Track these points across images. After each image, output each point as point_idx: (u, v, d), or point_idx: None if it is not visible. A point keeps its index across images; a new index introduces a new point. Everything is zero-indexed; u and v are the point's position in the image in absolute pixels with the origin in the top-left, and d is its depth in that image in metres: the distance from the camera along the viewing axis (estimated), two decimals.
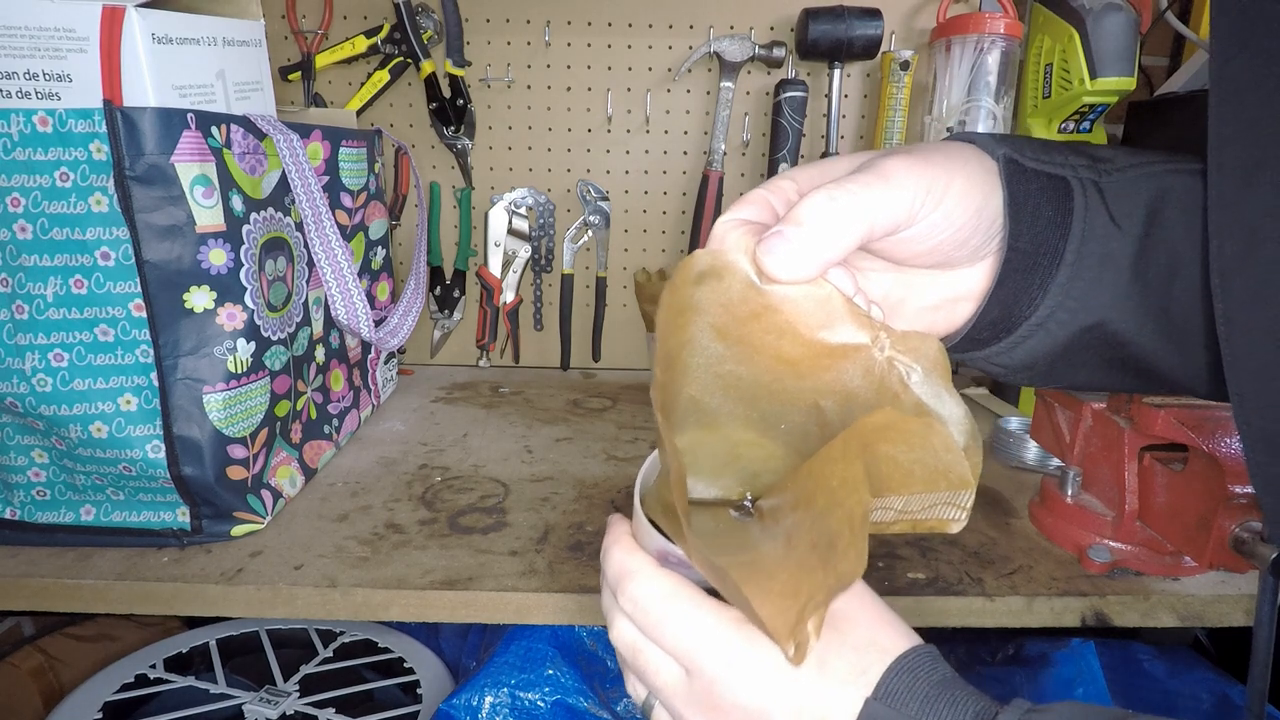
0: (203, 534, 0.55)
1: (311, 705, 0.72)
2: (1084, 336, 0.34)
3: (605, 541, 0.33)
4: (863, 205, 0.29)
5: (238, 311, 0.54)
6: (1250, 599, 0.52)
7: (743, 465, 0.35)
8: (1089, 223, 0.33)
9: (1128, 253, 0.33)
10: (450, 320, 1.03)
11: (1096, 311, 0.34)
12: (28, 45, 0.48)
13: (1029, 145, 0.34)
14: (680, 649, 0.30)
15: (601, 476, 0.70)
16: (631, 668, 0.33)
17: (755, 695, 0.29)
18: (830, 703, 0.28)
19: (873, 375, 0.30)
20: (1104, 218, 0.33)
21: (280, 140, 0.58)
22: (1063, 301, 0.33)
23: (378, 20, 0.93)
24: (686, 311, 0.30)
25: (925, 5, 0.94)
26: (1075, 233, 0.33)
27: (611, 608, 0.33)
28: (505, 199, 0.99)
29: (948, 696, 0.27)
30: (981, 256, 0.33)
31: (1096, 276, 0.33)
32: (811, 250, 0.28)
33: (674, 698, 0.31)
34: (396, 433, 0.79)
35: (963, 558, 0.56)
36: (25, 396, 0.50)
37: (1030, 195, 0.32)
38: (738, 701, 0.29)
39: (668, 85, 0.97)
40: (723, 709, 0.29)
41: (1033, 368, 0.36)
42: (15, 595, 0.52)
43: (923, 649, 0.29)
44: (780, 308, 0.30)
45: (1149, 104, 0.94)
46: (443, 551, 0.56)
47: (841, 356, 0.31)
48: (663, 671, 0.31)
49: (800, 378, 0.31)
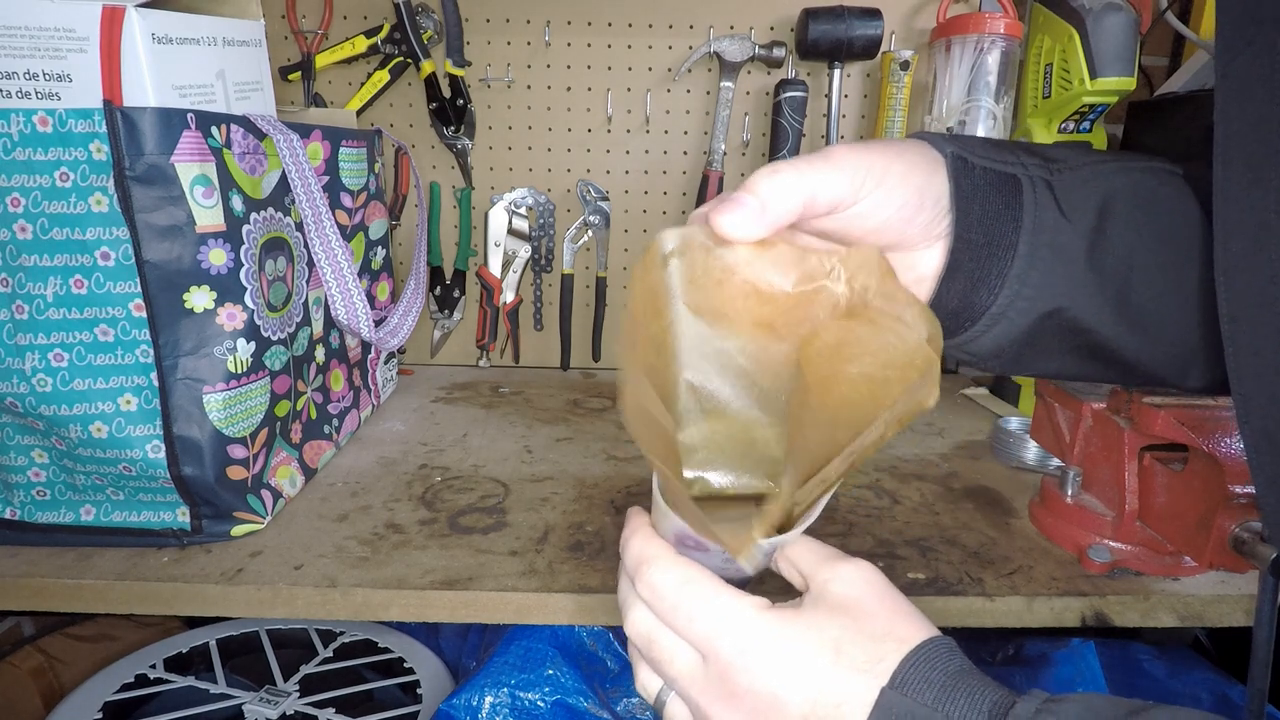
0: (203, 534, 0.55)
1: (311, 705, 0.72)
2: (1045, 323, 0.36)
3: (624, 533, 0.34)
4: (805, 177, 0.31)
5: (238, 311, 0.54)
6: (1250, 599, 0.52)
7: (760, 450, 0.35)
8: (1039, 217, 0.35)
9: (1080, 245, 0.35)
10: (450, 320, 1.03)
11: (1054, 299, 0.36)
12: (28, 45, 0.48)
13: (979, 144, 0.36)
14: (697, 634, 0.30)
15: (601, 476, 0.70)
16: (646, 657, 0.33)
17: (771, 681, 0.29)
18: (846, 691, 0.28)
19: (840, 310, 0.32)
20: (1054, 212, 0.35)
21: (280, 140, 0.58)
22: (1020, 290, 0.35)
23: (378, 20, 0.93)
24: (661, 294, 0.31)
25: (925, 5, 0.94)
26: (1026, 225, 0.35)
27: (629, 596, 0.33)
28: (505, 199, 0.99)
29: (964, 687, 0.27)
30: (936, 237, 0.35)
31: (1050, 267, 0.35)
32: (757, 212, 0.31)
33: (690, 685, 0.31)
34: (396, 433, 0.79)
35: (963, 558, 0.56)
36: (25, 396, 0.50)
37: (978, 189, 0.35)
38: (753, 687, 0.29)
39: (668, 85, 0.97)
40: (738, 695, 0.29)
41: (1000, 355, 0.38)
42: (15, 595, 0.52)
43: (940, 640, 0.29)
44: (739, 269, 0.31)
45: (1149, 104, 0.94)
46: (443, 551, 0.56)
47: (808, 303, 0.32)
48: (678, 659, 0.31)
49: (780, 340, 0.32)
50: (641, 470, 0.71)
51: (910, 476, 0.71)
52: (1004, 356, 0.38)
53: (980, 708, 0.27)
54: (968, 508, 0.64)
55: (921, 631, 0.29)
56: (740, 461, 0.35)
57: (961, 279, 0.35)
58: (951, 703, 0.27)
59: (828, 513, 0.63)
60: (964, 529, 0.61)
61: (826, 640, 0.29)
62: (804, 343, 0.32)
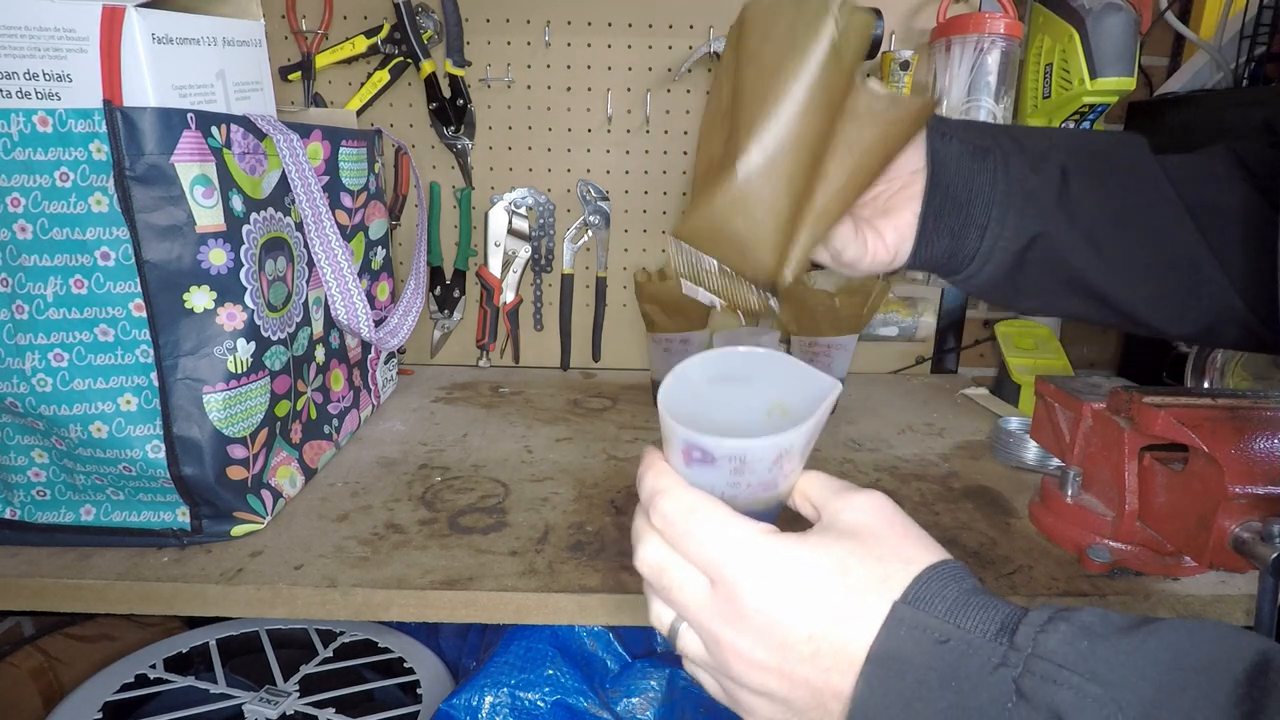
0: (203, 534, 0.55)
1: (311, 705, 0.72)
2: (1029, 255, 0.45)
3: (640, 469, 0.34)
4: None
5: (238, 311, 0.53)
6: (1250, 599, 0.52)
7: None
8: (1011, 171, 0.44)
9: (1049, 190, 0.44)
10: (450, 320, 1.03)
11: (1030, 230, 0.44)
12: (28, 45, 0.48)
13: (958, 124, 0.46)
14: (704, 558, 0.31)
15: (601, 476, 0.70)
16: (656, 589, 0.33)
17: (777, 600, 0.29)
18: (852, 608, 0.28)
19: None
20: (1024, 169, 0.45)
21: (280, 140, 0.58)
22: (1000, 232, 0.44)
23: (378, 20, 0.93)
24: (805, 58, 0.38)
25: (925, 5, 0.94)
26: (1000, 179, 0.44)
27: (643, 528, 0.34)
28: (505, 199, 0.99)
29: (976, 602, 0.28)
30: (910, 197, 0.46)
31: (1023, 208, 0.44)
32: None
33: (700, 611, 0.31)
34: (396, 433, 0.79)
35: (963, 558, 0.56)
36: (25, 396, 0.50)
37: (951, 154, 0.45)
38: (760, 607, 0.29)
39: (668, 85, 0.97)
40: (746, 615, 0.30)
41: (999, 287, 0.47)
42: (15, 595, 0.52)
43: (952, 562, 0.30)
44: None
45: (1149, 104, 0.94)
46: (443, 551, 0.56)
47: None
48: (687, 585, 0.32)
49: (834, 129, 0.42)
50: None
51: (910, 476, 0.71)
52: (1002, 288, 0.47)
53: (993, 619, 0.27)
54: (968, 508, 0.64)
55: (931, 554, 0.30)
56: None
57: (946, 234, 0.45)
58: (964, 615, 0.27)
59: None
60: (964, 529, 0.61)
61: (833, 561, 0.29)
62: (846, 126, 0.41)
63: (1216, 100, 0.84)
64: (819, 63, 0.37)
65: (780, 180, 0.39)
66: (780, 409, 0.36)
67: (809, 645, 0.29)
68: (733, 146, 0.39)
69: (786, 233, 0.40)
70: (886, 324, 1.04)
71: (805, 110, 0.38)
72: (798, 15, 0.38)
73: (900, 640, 0.27)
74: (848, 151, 0.41)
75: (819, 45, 0.37)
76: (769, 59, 0.38)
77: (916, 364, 1.07)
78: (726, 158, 0.39)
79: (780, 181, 0.39)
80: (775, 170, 0.39)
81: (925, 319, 1.05)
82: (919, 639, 0.27)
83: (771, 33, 0.39)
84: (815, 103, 0.38)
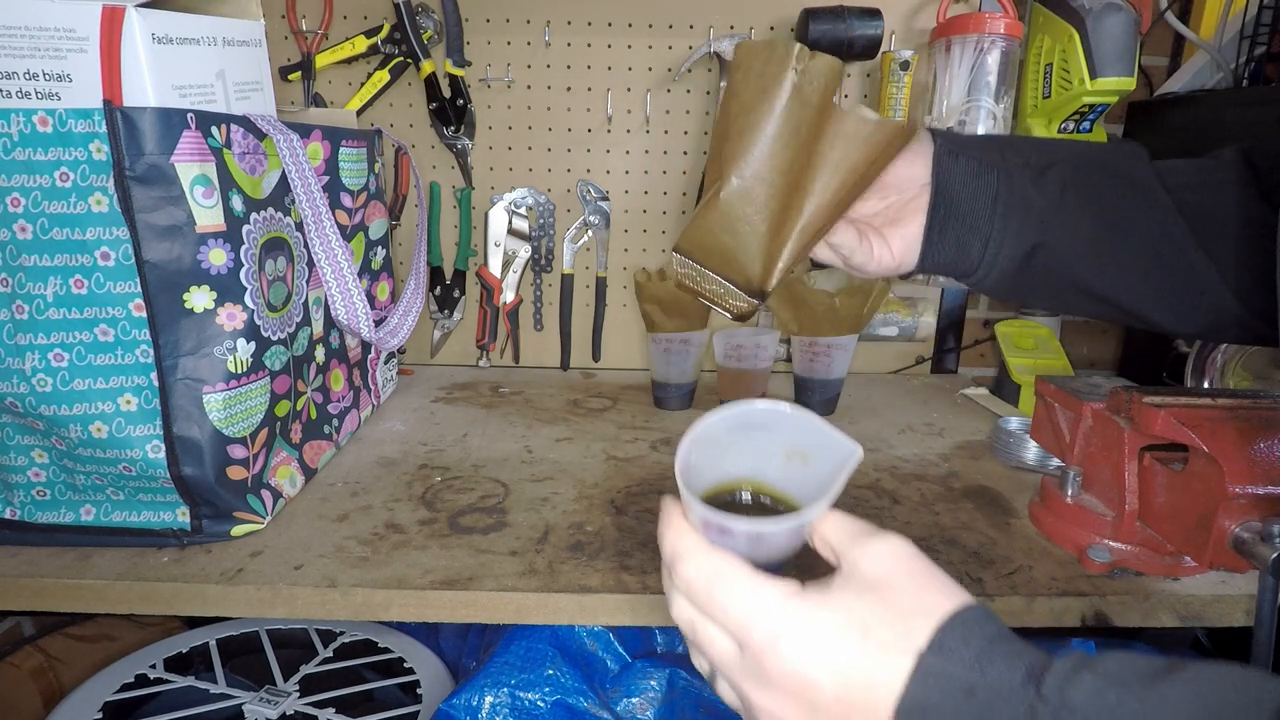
0: (203, 534, 0.55)
1: (311, 705, 0.72)
2: (1031, 262, 0.48)
3: (660, 526, 0.35)
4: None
5: (238, 311, 0.53)
6: (1250, 599, 0.52)
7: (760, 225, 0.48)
8: (1013, 186, 0.48)
9: (1047, 203, 0.47)
10: (450, 320, 1.03)
11: (1030, 239, 0.48)
12: (28, 45, 0.48)
13: (966, 140, 0.49)
14: (731, 624, 0.31)
15: (601, 476, 0.70)
16: (692, 643, 0.34)
17: (802, 665, 0.29)
18: (875, 670, 0.29)
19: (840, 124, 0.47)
20: (1026, 183, 0.48)
21: (280, 140, 0.58)
22: (1002, 243, 0.48)
23: (378, 20, 0.93)
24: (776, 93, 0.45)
25: (925, 5, 0.94)
26: (1002, 194, 0.48)
27: (670, 587, 0.35)
28: (505, 199, 0.99)
29: (1002, 648, 0.28)
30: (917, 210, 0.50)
31: (1023, 219, 0.48)
32: None
33: (730, 670, 0.32)
34: (396, 433, 0.79)
35: (963, 558, 0.56)
36: (25, 396, 0.50)
37: (957, 171, 0.48)
38: (785, 671, 0.30)
39: (668, 85, 0.97)
40: (773, 679, 0.30)
41: (1006, 289, 0.51)
42: (15, 595, 0.52)
43: (975, 607, 0.30)
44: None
45: (1149, 104, 0.94)
46: (443, 551, 0.56)
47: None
48: (717, 644, 0.32)
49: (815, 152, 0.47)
50: (641, 470, 0.71)
51: (910, 476, 0.71)
52: (1011, 291, 0.51)
53: (1018, 667, 0.27)
54: (968, 508, 0.64)
55: (953, 600, 0.30)
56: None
57: (950, 244, 0.49)
58: (989, 662, 0.27)
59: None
60: (964, 529, 0.61)
61: (854, 621, 0.29)
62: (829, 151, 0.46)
63: (1216, 100, 0.84)
64: (783, 103, 0.44)
65: (758, 202, 0.46)
66: (800, 455, 0.36)
67: (838, 706, 0.29)
68: (718, 172, 0.46)
69: (769, 246, 0.47)
70: (886, 324, 1.04)
71: (774, 143, 0.45)
72: (767, 62, 0.44)
73: (928, 693, 0.28)
74: (834, 170, 0.46)
75: (782, 89, 0.44)
76: (747, 98, 0.45)
77: (916, 364, 1.07)
78: (715, 182, 0.46)
79: (759, 203, 0.46)
80: (752, 194, 0.45)
81: (925, 319, 1.05)
82: (946, 690, 0.27)
83: (749, 74, 0.45)
84: (783, 137, 0.45)
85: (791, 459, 0.36)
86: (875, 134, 0.46)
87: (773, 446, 0.37)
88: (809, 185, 0.46)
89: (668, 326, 0.83)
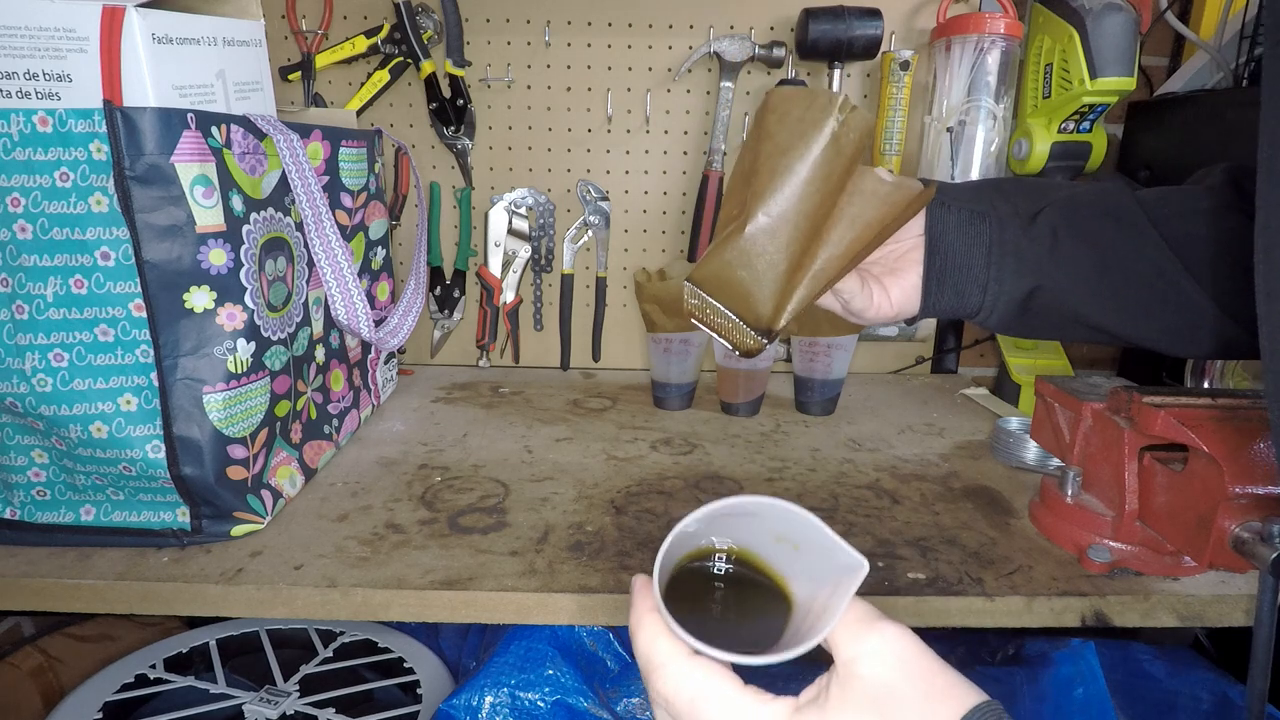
0: (203, 534, 0.55)
1: (311, 705, 0.72)
2: (1031, 304, 0.50)
3: (630, 617, 0.32)
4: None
5: (238, 311, 0.53)
6: (1250, 599, 0.52)
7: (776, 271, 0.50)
8: (1005, 235, 0.49)
9: (1039, 249, 0.49)
10: (450, 320, 1.03)
11: (1028, 283, 0.49)
12: (28, 45, 0.48)
13: (956, 190, 0.52)
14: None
15: (601, 476, 0.70)
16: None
17: None
18: None
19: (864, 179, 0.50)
20: (1018, 232, 0.49)
21: (280, 140, 0.58)
22: (1000, 289, 0.50)
23: (378, 20, 0.93)
24: (811, 139, 0.47)
25: (925, 5, 0.94)
26: (995, 243, 0.50)
27: (648, 689, 0.32)
28: (505, 199, 0.99)
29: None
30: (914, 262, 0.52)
31: (1017, 267, 0.49)
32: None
33: None
34: (396, 433, 0.79)
35: (963, 558, 0.56)
36: (25, 396, 0.50)
37: (950, 223, 0.51)
38: None
39: (668, 85, 0.97)
40: None
41: (1009, 328, 0.52)
42: (15, 595, 0.52)
43: (982, 706, 0.27)
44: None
45: (1149, 104, 0.94)
46: (443, 551, 0.56)
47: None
48: None
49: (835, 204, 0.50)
50: (641, 470, 0.71)
51: (910, 476, 0.71)
52: (1015, 328, 0.52)
53: None
54: (968, 508, 0.64)
55: (961, 702, 0.28)
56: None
57: (949, 292, 0.51)
58: None
59: (828, 514, 0.63)
60: (964, 529, 0.61)
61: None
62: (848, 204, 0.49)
63: (1216, 100, 0.84)
64: (820, 149, 0.46)
65: (781, 242, 0.47)
66: (791, 543, 0.33)
67: None
68: (745, 209, 0.47)
69: (783, 287, 0.48)
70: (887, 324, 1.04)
71: (806, 187, 0.46)
72: (808, 108, 0.46)
73: None
74: (850, 225, 0.48)
75: (821, 135, 0.46)
76: (782, 140, 0.46)
77: (916, 364, 1.07)
78: (739, 218, 0.47)
79: (781, 243, 0.47)
80: (777, 233, 0.47)
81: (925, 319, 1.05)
82: None
83: (786, 119, 0.47)
84: (815, 182, 0.46)
85: (782, 543, 0.34)
86: (892, 194, 0.49)
87: (763, 529, 0.34)
88: (828, 234, 0.48)
89: (668, 326, 0.83)
